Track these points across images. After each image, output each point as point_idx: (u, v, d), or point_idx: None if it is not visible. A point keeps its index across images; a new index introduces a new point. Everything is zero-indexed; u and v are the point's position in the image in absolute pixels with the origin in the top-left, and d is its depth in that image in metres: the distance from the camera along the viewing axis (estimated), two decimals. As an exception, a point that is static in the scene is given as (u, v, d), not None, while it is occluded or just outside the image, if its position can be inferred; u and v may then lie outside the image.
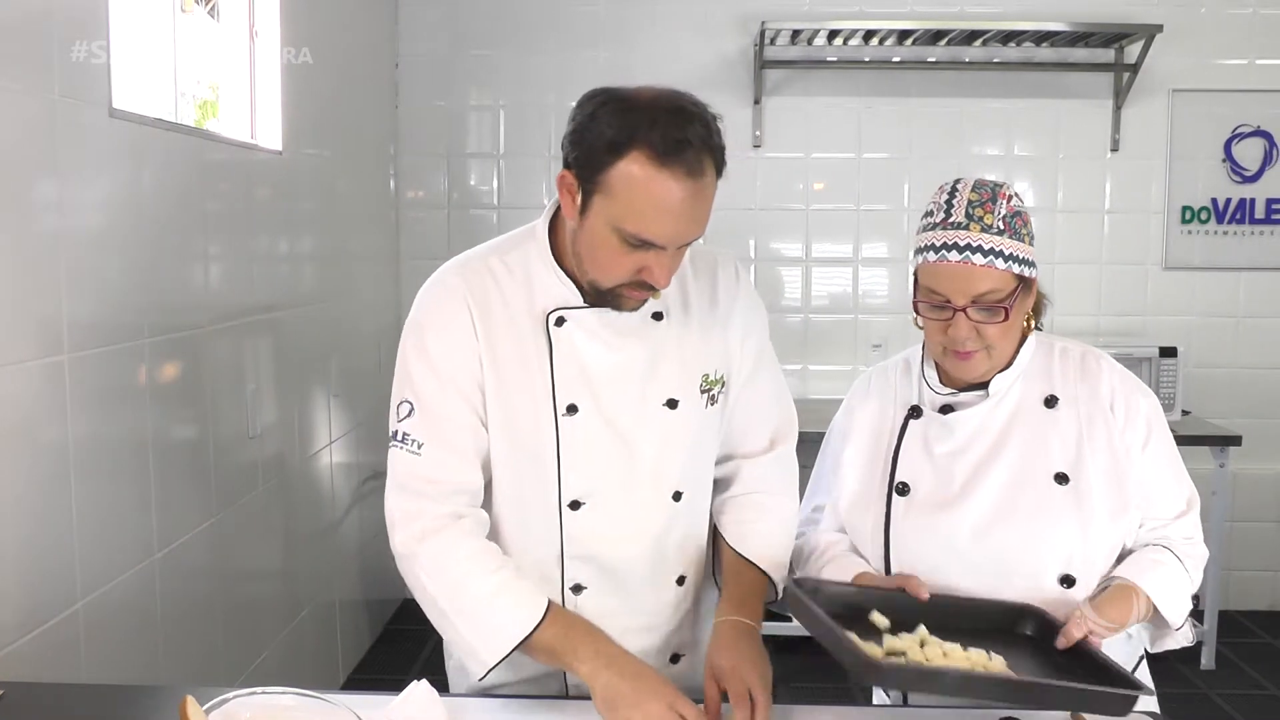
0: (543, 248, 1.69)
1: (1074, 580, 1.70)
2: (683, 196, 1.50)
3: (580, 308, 1.67)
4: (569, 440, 1.67)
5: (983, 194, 1.68)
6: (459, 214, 4.87)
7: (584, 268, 1.62)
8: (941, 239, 1.67)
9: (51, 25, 2.20)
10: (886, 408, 1.87)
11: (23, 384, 2.09)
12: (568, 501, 1.69)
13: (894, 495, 1.78)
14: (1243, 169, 4.76)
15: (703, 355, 1.75)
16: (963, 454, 1.77)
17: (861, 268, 4.86)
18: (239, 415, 3.10)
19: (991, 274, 1.65)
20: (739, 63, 4.72)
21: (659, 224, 1.51)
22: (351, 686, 4.04)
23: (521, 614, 1.60)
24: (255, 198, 3.26)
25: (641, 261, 1.55)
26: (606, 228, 1.54)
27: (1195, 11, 4.69)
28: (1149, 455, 1.76)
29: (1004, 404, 1.77)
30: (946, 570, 1.73)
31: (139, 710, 1.69)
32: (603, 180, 1.52)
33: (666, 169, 1.49)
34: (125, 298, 2.48)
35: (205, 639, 2.89)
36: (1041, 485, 1.72)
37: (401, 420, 1.69)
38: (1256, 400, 4.82)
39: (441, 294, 1.70)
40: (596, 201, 1.54)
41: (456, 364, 1.66)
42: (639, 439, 1.70)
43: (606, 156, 1.51)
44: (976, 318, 1.67)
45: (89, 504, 2.29)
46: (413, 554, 1.65)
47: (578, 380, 1.67)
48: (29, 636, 2.09)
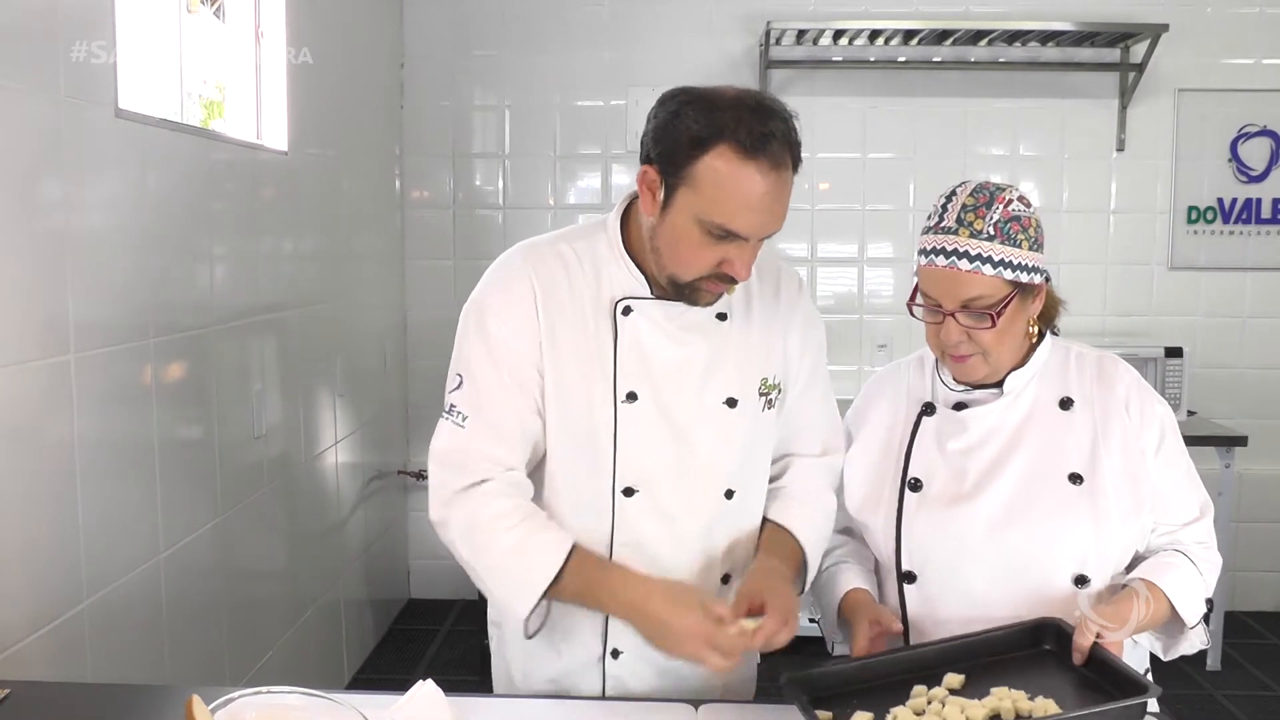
0: (614, 238, 1.74)
1: (1088, 580, 1.70)
2: (766, 189, 1.56)
3: (648, 299, 1.71)
4: (627, 427, 1.71)
5: (979, 199, 1.68)
6: (464, 214, 4.87)
7: (663, 262, 1.65)
8: (933, 243, 1.69)
9: (58, 26, 2.20)
10: (899, 404, 1.87)
11: (29, 384, 2.09)
12: (621, 488, 1.72)
13: (906, 491, 1.78)
14: (1249, 169, 4.75)
15: (762, 359, 1.79)
16: (976, 451, 1.77)
17: (867, 268, 4.85)
18: (244, 415, 3.10)
19: (979, 280, 1.65)
20: (744, 63, 4.71)
21: (743, 216, 1.56)
22: (357, 686, 4.04)
23: (543, 565, 1.63)
24: (261, 198, 3.27)
25: (723, 254, 1.60)
26: (690, 221, 1.59)
27: (1201, 11, 4.68)
28: (1162, 460, 1.76)
29: (1018, 403, 1.77)
30: (959, 567, 1.73)
31: (144, 709, 1.69)
32: (688, 174, 1.57)
33: (752, 162, 1.55)
34: (131, 297, 2.48)
35: (211, 638, 2.90)
36: (1056, 484, 1.72)
37: (451, 392, 1.73)
38: (1262, 401, 4.81)
39: (507, 275, 1.74)
40: (681, 195, 1.58)
41: (512, 346, 1.70)
42: (695, 433, 1.73)
43: (692, 151, 1.56)
44: (966, 322, 1.68)
45: (95, 504, 2.30)
46: (443, 521, 1.70)
47: (639, 370, 1.71)
48: (35, 636, 2.10)
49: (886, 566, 1.82)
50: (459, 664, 4.31)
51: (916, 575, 1.77)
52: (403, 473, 4.84)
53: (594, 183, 4.82)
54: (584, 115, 4.76)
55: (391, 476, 4.71)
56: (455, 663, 4.33)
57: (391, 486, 4.72)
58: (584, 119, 4.77)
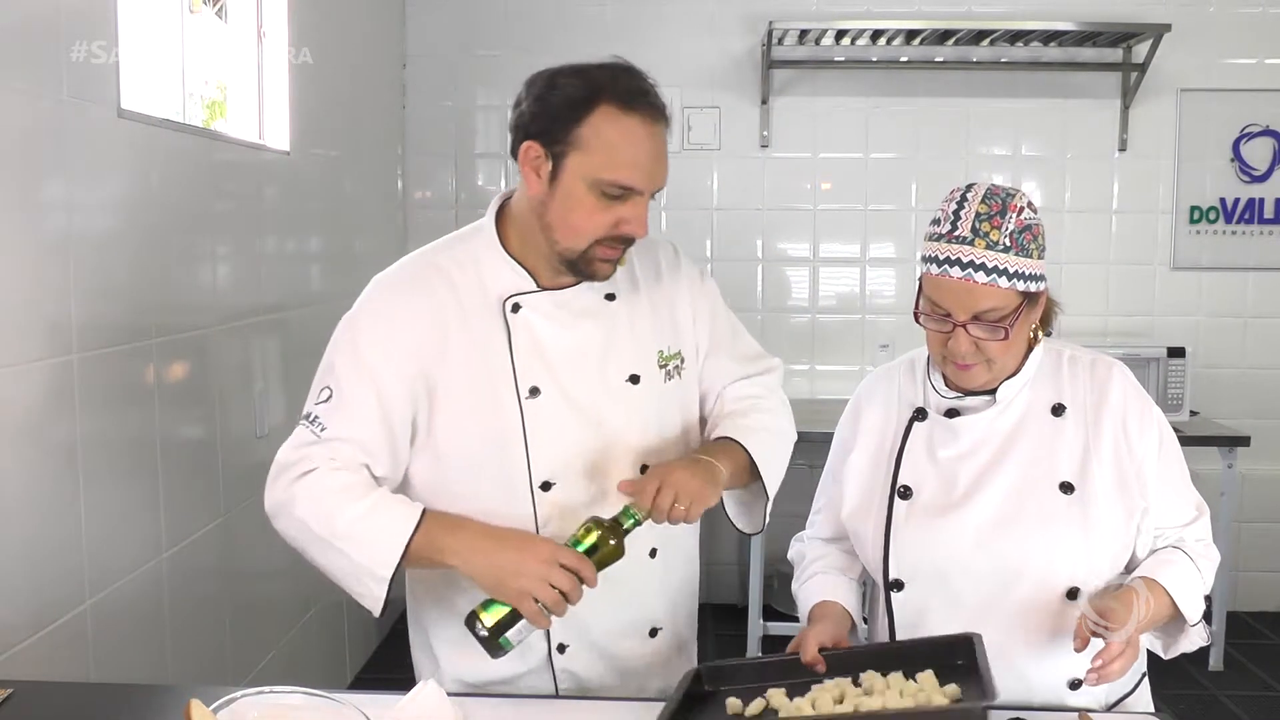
0: (491, 238, 1.76)
1: (1078, 593, 1.68)
2: (651, 138, 1.62)
3: (534, 292, 1.72)
4: (534, 422, 1.71)
5: (992, 206, 1.64)
6: (466, 214, 4.83)
7: (556, 237, 1.66)
8: (945, 252, 1.63)
9: (60, 27, 2.20)
10: (890, 410, 1.85)
11: (32, 384, 2.10)
12: (539, 483, 1.72)
13: (896, 499, 1.76)
14: (1251, 169, 4.75)
15: (655, 332, 1.81)
16: (967, 459, 1.75)
17: (869, 268, 4.85)
18: (247, 415, 3.11)
19: (994, 292, 1.62)
20: (746, 63, 4.71)
21: (634, 169, 1.60)
22: (359, 686, 4.04)
23: (400, 521, 1.64)
24: (263, 198, 3.27)
25: (617, 214, 1.63)
26: (582, 184, 1.61)
27: (1203, 11, 4.67)
28: (1162, 465, 1.74)
29: (1010, 410, 1.75)
30: (948, 576, 1.72)
31: (147, 709, 1.69)
32: (574, 137, 1.61)
33: (635, 114, 1.60)
34: (133, 298, 2.48)
35: (213, 638, 2.90)
36: (1046, 494, 1.70)
37: (317, 404, 1.73)
38: (1265, 401, 4.80)
39: (384, 293, 1.77)
40: (570, 161, 1.62)
41: (383, 367, 1.70)
42: (604, 416, 1.74)
43: (575, 114, 1.61)
44: (977, 333, 1.65)
45: (97, 503, 2.30)
46: (289, 499, 1.68)
47: (538, 363, 1.71)
48: (37, 635, 2.10)
49: (875, 573, 1.81)
50: (461, 664, 4.30)
51: (904, 584, 1.75)
52: (405, 473, 4.83)
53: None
54: (586, 115, 4.75)
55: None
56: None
57: (393, 486, 4.71)
58: (586, 119, 4.76)
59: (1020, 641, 1.70)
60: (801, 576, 1.90)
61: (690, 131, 4.70)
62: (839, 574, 1.87)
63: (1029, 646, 1.70)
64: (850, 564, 1.89)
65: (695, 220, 4.76)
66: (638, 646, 1.83)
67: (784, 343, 4.75)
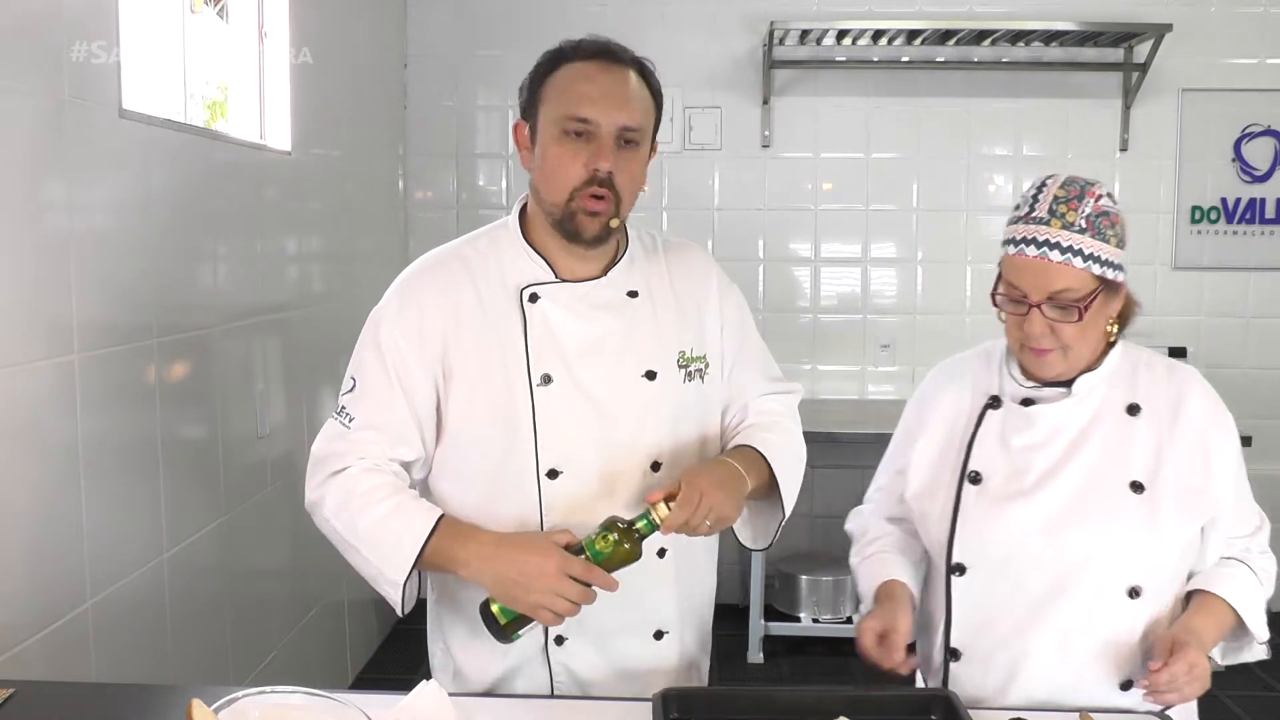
0: (514, 230, 1.82)
1: (1140, 592, 1.68)
2: (607, 78, 1.71)
3: (552, 283, 1.76)
4: (545, 409, 1.73)
5: (1070, 191, 1.67)
6: (468, 214, 4.87)
7: (543, 195, 1.74)
8: (1023, 233, 1.67)
9: (61, 27, 2.20)
10: (964, 397, 1.85)
11: (33, 384, 2.10)
12: (546, 470, 1.73)
13: (966, 483, 1.77)
14: (1252, 169, 4.75)
15: (678, 333, 1.82)
16: (1040, 449, 1.74)
17: (870, 268, 4.85)
18: (248, 415, 3.11)
19: (1068, 272, 1.64)
20: (748, 63, 4.71)
21: (588, 100, 1.69)
22: (360, 686, 4.04)
23: (413, 530, 1.68)
24: (264, 198, 3.27)
25: (585, 154, 1.68)
26: (551, 134, 1.71)
27: (1205, 10, 4.67)
28: (1233, 475, 1.75)
29: (1086, 405, 1.74)
30: (1012, 563, 1.72)
31: (148, 709, 1.69)
32: (541, 96, 1.74)
33: (592, 62, 1.73)
34: (135, 297, 2.48)
35: (214, 638, 2.90)
36: (1116, 491, 1.70)
37: (344, 395, 1.81)
38: (1266, 401, 4.79)
39: (406, 283, 1.85)
40: (540, 119, 1.73)
41: (405, 356, 1.76)
42: (617, 409, 1.75)
43: (543, 76, 1.75)
44: (1051, 315, 1.66)
45: (99, 503, 2.30)
46: (320, 500, 1.74)
47: (552, 352, 1.74)
48: (39, 635, 2.10)
49: (937, 557, 1.81)
50: (462, 664, 4.30)
51: (967, 569, 1.75)
52: (406, 473, 4.83)
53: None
54: (587, 115, 4.75)
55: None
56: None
57: (395, 486, 4.71)
58: (587, 119, 4.76)
59: (1078, 635, 1.70)
60: (863, 553, 1.91)
61: (691, 132, 4.70)
62: (900, 555, 1.88)
63: (1086, 641, 1.70)
64: (911, 545, 1.90)
65: (696, 220, 4.76)
66: (640, 648, 1.83)
67: (785, 342, 4.76)
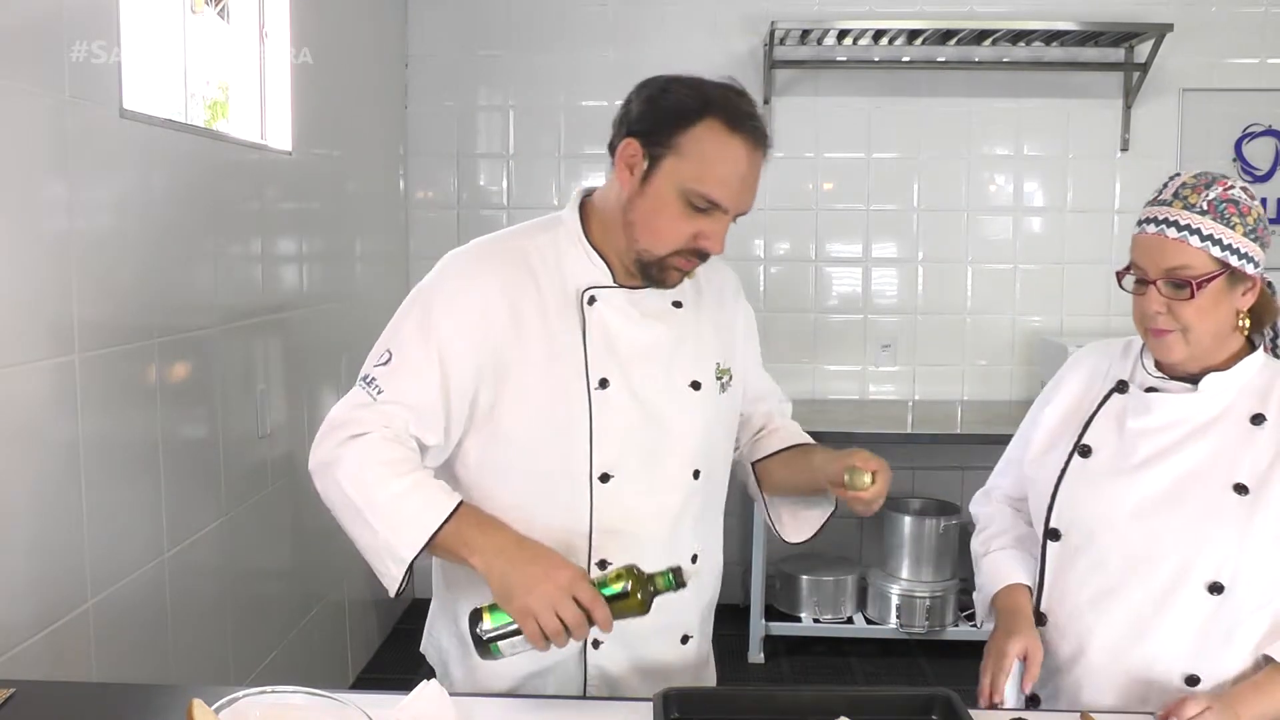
0: (575, 229, 1.78)
1: (1223, 588, 1.67)
2: (747, 164, 1.65)
3: (611, 287, 1.75)
4: (601, 413, 1.72)
5: (1200, 179, 1.69)
6: (468, 214, 4.87)
7: (636, 235, 1.69)
8: (1146, 213, 1.71)
9: (62, 27, 2.20)
10: (1096, 379, 1.88)
11: (34, 384, 2.10)
12: (598, 474, 1.73)
13: (1076, 455, 1.80)
14: (1254, 169, 4.74)
15: (714, 345, 1.86)
16: (1152, 435, 1.75)
17: (871, 268, 4.85)
18: (249, 415, 3.11)
19: (1184, 249, 1.65)
20: (748, 63, 4.71)
21: (725, 186, 1.64)
22: (361, 686, 4.04)
23: (433, 508, 1.62)
24: (265, 198, 3.27)
25: (698, 227, 1.66)
26: (673, 190, 1.64)
27: (1206, 10, 4.67)
28: None
29: (1210, 405, 1.74)
30: (1097, 538, 1.75)
31: (149, 709, 1.69)
32: (676, 143, 1.63)
33: (737, 135, 1.63)
34: (135, 297, 2.48)
35: (215, 638, 2.90)
36: (1216, 489, 1.69)
37: (376, 366, 1.71)
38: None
39: (462, 267, 1.77)
40: (666, 164, 1.64)
41: (454, 343, 1.70)
42: (666, 416, 1.77)
43: (681, 121, 1.63)
44: (1167, 292, 1.68)
45: (99, 503, 2.30)
46: (334, 459, 1.66)
47: (609, 357, 1.73)
48: (39, 635, 2.10)
49: (1037, 522, 1.85)
50: (463, 664, 4.30)
51: (1061, 534, 1.79)
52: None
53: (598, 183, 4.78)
54: (588, 115, 4.76)
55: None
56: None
57: (396, 486, 4.71)
58: (588, 119, 4.76)
59: (1150, 622, 1.71)
60: (988, 545, 1.95)
61: (692, 131, 4.69)
62: (1024, 551, 1.90)
63: (1157, 629, 1.71)
64: (1031, 536, 1.92)
65: (697, 220, 4.74)
66: (668, 652, 1.84)
67: (786, 342, 4.76)
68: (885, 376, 4.87)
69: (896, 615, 4.37)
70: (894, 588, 4.37)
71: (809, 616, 4.47)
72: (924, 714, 1.60)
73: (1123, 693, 1.73)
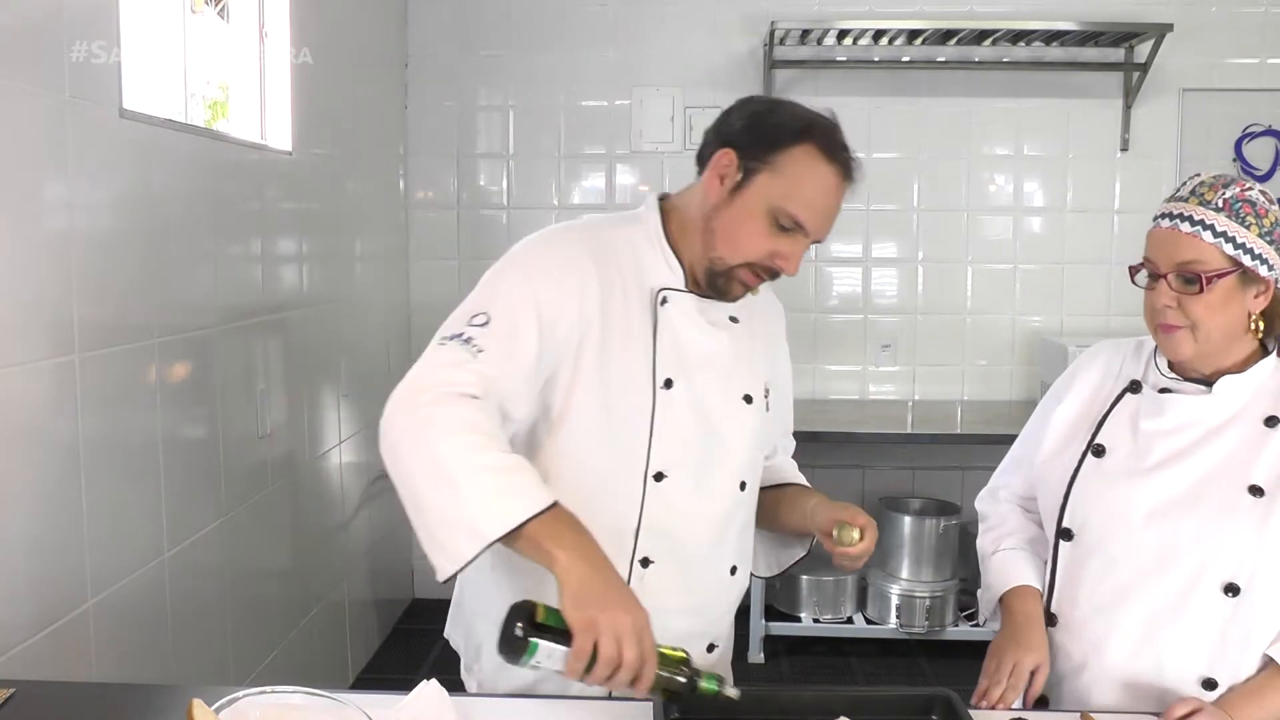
0: (656, 229, 1.80)
1: (1239, 590, 1.66)
2: (836, 193, 1.70)
3: (682, 291, 1.77)
4: (663, 412, 1.74)
5: (1219, 179, 1.70)
6: (469, 214, 4.87)
7: (715, 242, 1.72)
8: (1163, 209, 1.72)
9: (62, 26, 2.20)
10: (1109, 378, 1.88)
11: (34, 383, 2.10)
12: (653, 472, 1.74)
13: (1089, 455, 1.80)
14: (1254, 169, 4.74)
15: (763, 363, 1.90)
16: (1167, 436, 1.75)
17: (872, 268, 4.85)
18: (249, 415, 3.11)
19: (1196, 244, 1.65)
20: (748, 62, 4.71)
21: (812, 210, 1.68)
22: (361, 686, 4.04)
23: (537, 491, 1.53)
24: (265, 198, 3.27)
25: (777, 246, 1.69)
26: (762, 205, 1.68)
27: (1206, 10, 4.67)
28: None
29: (1224, 407, 1.74)
30: (1111, 540, 1.74)
31: (149, 709, 1.69)
32: (774, 160, 1.68)
33: (833, 164, 1.69)
34: (135, 298, 2.48)
35: (215, 638, 2.90)
36: (1231, 491, 1.69)
37: (473, 325, 1.63)
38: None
39: (561, 244, 1.77)
40: (760, 179, 1.68)
41: (551, 307, 1.67)
42: (720, 425, 1.80)
43: (783, 140, 1.68)
44: (1177, 287, 1.68)
45: (99, 503, 2.30)
46: (429, 418, 1.55)
47: (674, 358, 1.75)
48: (39, 635, 2.10)
49: (1049, 522, 1.85)
50: (463, 664, 4.30)
51: (1074, 534, 1.79)
52: (407, 473, 4.83)
53: (598, 183, 4.82)
54: (588, 115, 4.77)
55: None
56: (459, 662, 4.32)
57: (395, 486, 4.71)
58: (588, 119, 4.77)
59: (1164, 624, 1.70)
60: (998, 543, 1.94)
61: (692, 132, 4.69)
62: (1034, 553, 1.90)
63: (1172, 631, 1.70)
64: (1041, 539, 1.91)
65: (697, 220, 4.74)
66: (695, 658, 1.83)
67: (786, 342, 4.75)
68: (885, 376, 4.87)
69: (896, 615, 4.37)
70: (894, 588, 4.37)
71: (809, 616, 4.47)
72: (924, 714, 1.60)
73: (1135, 696, 1.72)
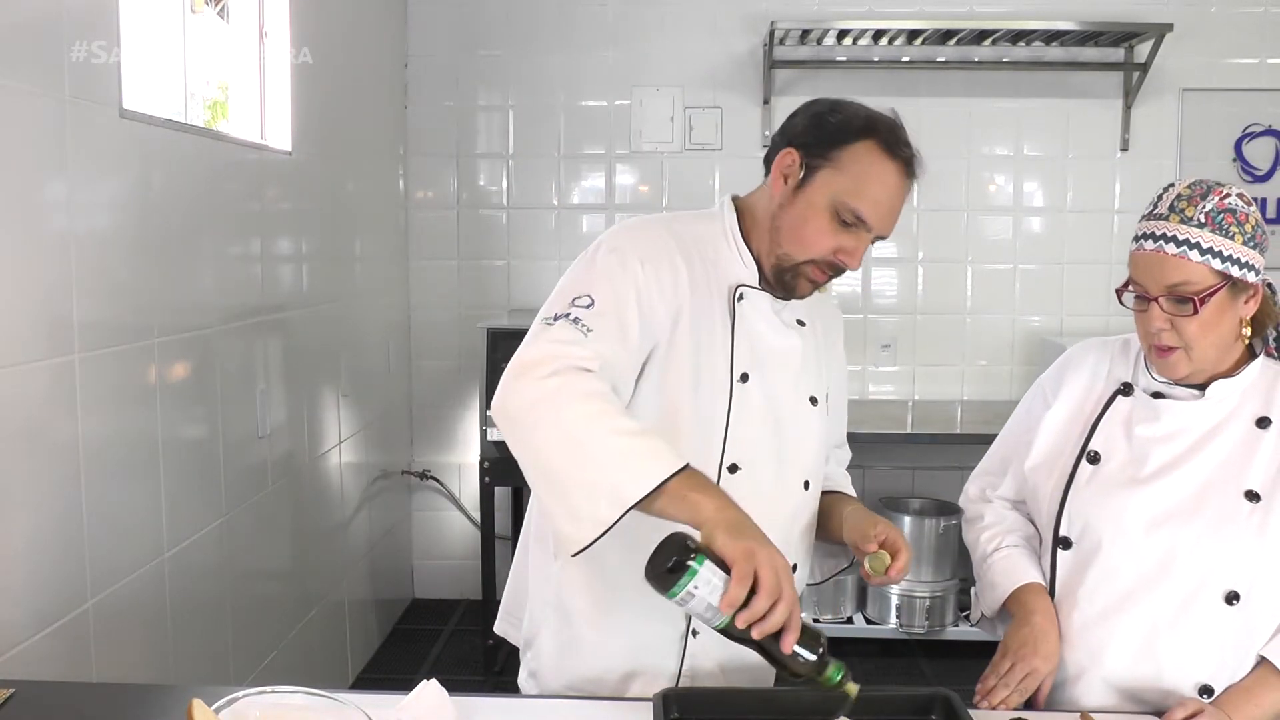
0: (732, 227, 1.82)
1: (1239, 598, 1.66)
2: (898, 189, 1.72)
3: (758, 289, 1.80)
4: (740, 405, 1.77)
5: (1195, 190, 1.67)
6: (468, 214, 4.88)
7: (780, 240, 1.75)
8: (1144, 229, 1.69)
9: (62, 26, 2.20)
10: (1098, 380, 1.87)
11: (34, 383, 2.10)
12: (728, 464, 1.76)
13: (1083, 461, 1.79)
14: (1254, 168, 4.75)
15: (825, 368, 1.92)
16: (1162, 442, 1.74)
17: (871, 268, 4.84)
18: (248, 415, 3.11)
19: (1185, 265, 1.63)
20: (748, 63, 4.71)
21: (875, 206, 1.70)
22: (361, 686, 4.05)
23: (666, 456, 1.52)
24: (264, 198, 3.27)
25: (840, 242, 1.71)
26: (825, 201, 1.70)
27: (1205, 10, 4.67)
28: None
29: (1216, 410, 1.73)
30: (1110, 549, 1.73)
31: (149, 709, 1.69)
32: (836, 156, 1.70)
33: (894, 161, 1.70)
34: (135, 297, 2.48)
35: (215, 638, 2.90)
36: (1229, 497, 1.69)
37: (578, 306, 1.65)
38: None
39: (653, 234, 1.79)
40: (822, 175, 1.71)
41: (651, 297, 1.71)
42: (788, 423, 1.82)
43: (845, 137, 1.71)
44: (1169, 309, 1.66)
45: (99, 503, 2.30)
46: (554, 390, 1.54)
47: (749, 354, 1.78)
48: (39, 635, 2.10)
49: (1044, 530, 1.84)
50: (462, 663, 4.31)
51: (1072, 542, 1.78)
52: (407, 473, 4.84)
53: (598, 183, 4.82)
54: (588, 115, 4.77)
55: (395, 476, 4.71)
56: (459, 662, 4.34)
57: (395, 486, 4.73)
58: (588, 119, 4.77)
59: (1164, 632, 1.70)
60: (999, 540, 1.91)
61: (692, 131, 4.70)
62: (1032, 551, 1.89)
63: (1172, 639, 1.70)
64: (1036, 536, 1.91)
65: (697, 220, 4.74)
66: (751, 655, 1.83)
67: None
68: (885, 376, 4.87)
69: (896, 615, 4.38)
70: (893, 588, 4.37)
71: (809, 616, 4.46)
72: (924, 714, 1.61)
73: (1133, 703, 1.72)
